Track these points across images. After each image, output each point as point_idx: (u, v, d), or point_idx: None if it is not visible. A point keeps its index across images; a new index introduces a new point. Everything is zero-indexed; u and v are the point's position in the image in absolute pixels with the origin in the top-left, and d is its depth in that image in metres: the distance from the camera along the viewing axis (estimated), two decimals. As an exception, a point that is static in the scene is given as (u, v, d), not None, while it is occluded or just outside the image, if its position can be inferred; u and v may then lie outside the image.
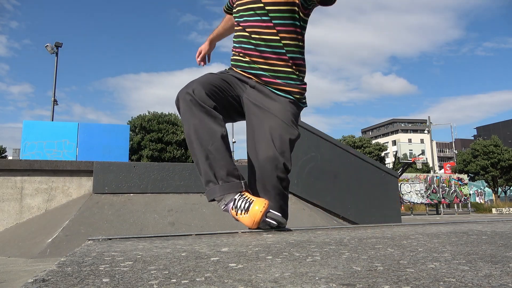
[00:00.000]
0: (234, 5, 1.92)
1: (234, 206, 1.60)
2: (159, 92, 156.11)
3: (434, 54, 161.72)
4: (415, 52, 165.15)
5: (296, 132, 1.75)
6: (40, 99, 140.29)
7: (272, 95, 1.80)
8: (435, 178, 20.82)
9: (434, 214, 20.33)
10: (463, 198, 21.17)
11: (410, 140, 66.77)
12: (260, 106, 1.77)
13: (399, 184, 18.08)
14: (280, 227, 1.63)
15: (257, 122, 1.75)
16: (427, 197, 20.24)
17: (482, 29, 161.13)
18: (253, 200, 1.58)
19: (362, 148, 38.36)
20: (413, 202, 20.32)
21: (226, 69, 1.91)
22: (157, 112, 25.40)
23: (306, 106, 1.92)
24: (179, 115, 1.73)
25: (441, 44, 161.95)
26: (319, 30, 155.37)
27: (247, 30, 1.81)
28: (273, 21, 1.76)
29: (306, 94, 1.91)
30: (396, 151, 23.43)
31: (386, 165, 23.44)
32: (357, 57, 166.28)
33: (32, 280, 0.72)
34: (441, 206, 21.80)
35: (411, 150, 23.63)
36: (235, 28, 1.92)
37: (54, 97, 18.23)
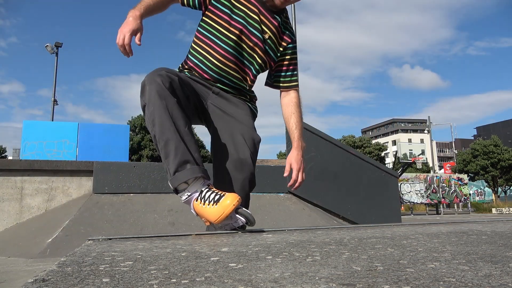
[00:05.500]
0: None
1: (200, 197, 1.51)
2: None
3: (425, 53, 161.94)
4: (407, 51, 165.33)
5: (259, 136, 1.83)
6: (31, 98, 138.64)
7: (236, 101, 1.87)
8: (435, 178, 20.81)
9: (434, 214, 20.33)
10: (463, 198, 21.18)
11: (410, 140, 66.75)
12: (225, 111, 1.82)
13: (399, 184, 18.07)
14: (242, 228, 1.59)
15: (226, 126, 1.78)
16: (427, 197, 20.23)
17: (472, 28, 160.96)
18: (224, 194, 1.51)
19: (362, 148, 38.39)
20: (413, 202, 20.31)
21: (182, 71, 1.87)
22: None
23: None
24: (141, 98, 1.58)
25: (432, 43, 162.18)
26: (308, 29, 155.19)
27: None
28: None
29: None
30: (396, 151, 23.45)
31: (386, 165, 23.42)
32: (349, 56, 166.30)
33: (32, 280, 0.72)
34: (441, 206, 21.80)
35: (411, 150, 23.66)
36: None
37: (54, 97, 18.24)
